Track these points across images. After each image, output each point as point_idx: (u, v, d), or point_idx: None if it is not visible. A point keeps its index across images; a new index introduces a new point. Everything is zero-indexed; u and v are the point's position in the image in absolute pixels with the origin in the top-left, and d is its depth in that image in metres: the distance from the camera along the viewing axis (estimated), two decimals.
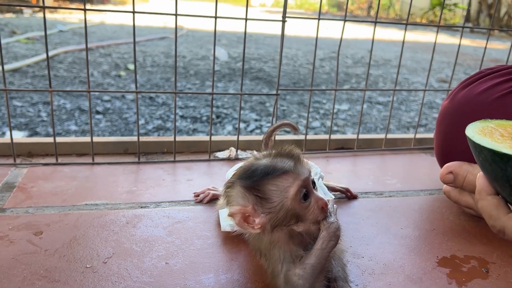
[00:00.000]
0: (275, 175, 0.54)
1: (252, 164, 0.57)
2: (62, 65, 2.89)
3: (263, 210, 0.55)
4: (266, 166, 0.55)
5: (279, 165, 0.55)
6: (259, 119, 2.11)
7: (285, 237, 0.57)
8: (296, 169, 0.55)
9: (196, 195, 0.86)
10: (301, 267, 0.56)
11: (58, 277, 0.61)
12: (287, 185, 0.54)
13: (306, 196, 0.55)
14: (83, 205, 0.81)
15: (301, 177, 0.55)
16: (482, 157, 0.43)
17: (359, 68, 3.68)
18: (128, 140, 1.08)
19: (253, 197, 0.55)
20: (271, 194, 0.54)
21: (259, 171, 0.55)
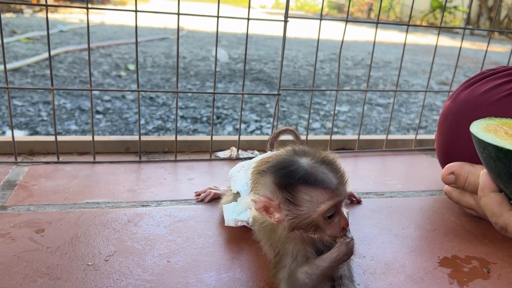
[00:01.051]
0: (314, 186, 0.52)
1: (292, 163, 0.54)
2: (63, 65, 2.89)
3: (288, 212, 0.53)
4: (307, 172, 0.52)
5: (320, 176, 0.52)
6: (259, 120, 2.11)
7: (300, 236, 0.57)
8: (337, 188, 0.53)
9: (197, 194, 0.86)
10: (311, 267, 0.56)
11: (60, 274, 0.61)
12: (321, 201, 0.52)
13: (332, 215, 0.54)
14: (84, 203, 0.81)
15: (337, 198, 0.53)
16: (486, 153, 0.43)
17: (359, 70, 3.69)
18: (129, 139, 1.08)
19: (283, 197, 0.53)
20: (302, 202, 0.52)
21: (298, 176, 0.52)
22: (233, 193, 0.75)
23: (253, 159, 0.78)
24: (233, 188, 0.74)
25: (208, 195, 0.86)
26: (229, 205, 0.73)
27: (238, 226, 0.72)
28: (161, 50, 3.85)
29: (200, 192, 0.87)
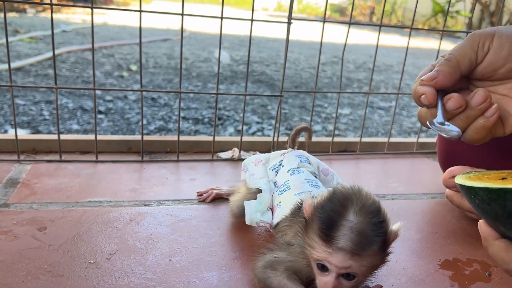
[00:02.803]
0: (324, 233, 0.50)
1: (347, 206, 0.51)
2: (65, 64, 2.90)
3: (298, 231, 0.56)
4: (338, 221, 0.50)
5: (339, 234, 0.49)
6: (260, 122, 2.12)
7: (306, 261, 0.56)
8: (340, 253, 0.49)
9: (199, 194, 0.87)
10: (287, 281, 0.57)
11: (62, 272, 0.61)
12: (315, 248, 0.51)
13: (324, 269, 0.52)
14: (86, 202, 0.81)
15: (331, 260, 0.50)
16: (479, 199, 0.42)
17: (360, 73, 3.69)
18: (132, 138, 1.08)
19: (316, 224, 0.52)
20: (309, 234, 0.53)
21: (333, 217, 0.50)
22: (249, 189, 0.73)
23: (270, 153, 0.77)
24: (250, 182, 0.72)
25: (210, 195, 0.86)
26: (251, 202, 0.69)
27: (259, 227, 0.69)
28: (163, 51, 3.86)
29: (202, 192, 0.87)
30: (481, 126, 0.51)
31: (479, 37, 0.54)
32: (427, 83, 0.52)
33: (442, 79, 0.52)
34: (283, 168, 0.72)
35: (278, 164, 0.74)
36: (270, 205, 0.68)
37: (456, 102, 0.51)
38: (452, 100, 0.51)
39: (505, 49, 0.53)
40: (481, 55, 0.54)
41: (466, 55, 0.54)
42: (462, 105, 0.51)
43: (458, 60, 0.54)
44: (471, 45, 0.54)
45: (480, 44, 0.53)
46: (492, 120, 0.51)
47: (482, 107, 0.51)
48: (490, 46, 0.53)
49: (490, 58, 0.53)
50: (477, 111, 0.51)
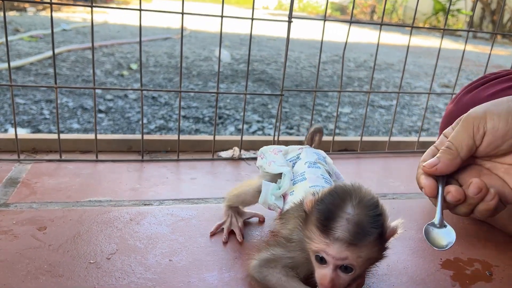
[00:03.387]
0: (321, 225, 0.51)
1: (345, 200, 0.52)
2: (65, 63, 2.90)
3: (298, 224, 0.56)
4: (336, 213, 0.51)
5: (336, 225, 0.50)
6: (261, 121, 2.11)
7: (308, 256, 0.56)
8: (335, 243, 0.50)
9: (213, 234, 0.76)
10: (285, 277, 0.57)
11: (62, 272, 0.61)
12: (313, 239, 0.52)
13: (322, 261, 0.52)
14: (86, 202, 0.81)
15: (329, 251, 0.50)
16: None
17: (361, 71, 3.69)
18: (132, 138, 1.08)
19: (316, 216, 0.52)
20: (308, 227, 0.53)
21: (332, 210, 0.51)
22: (268, 173, 0.73)
23: (288, 146, 0.78)
24: (270, 168, 0.72)
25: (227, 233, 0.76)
26: (269, 184, 0.69)
27: (270, 209, 0.70)
28: (163, 50, 3.86)
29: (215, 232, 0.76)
30: (485, 209, 0.53)
31: (472, 120, 0.55)
32: (427, 170, 0.55)
33: (442, 166, 0.54)
34: (301, 160, 0.73)
35: (296, 156, 0.75)
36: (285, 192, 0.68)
37: (453, 197, 0.53)
38: (450, 195, 0.53)
39: (500, 129, 0.54)
40: (478, 139, 0.55)
41: (464, 142, 0.55)
42: (460, 198, 0.53)
43: (457, 148, 0.56)
44: (467, 131, 0.56)
45: (475, 128, 0.55)
46: (493, 204, 0.52)
47: (480, 196, 0.52)
48: (485, 128, 0.55)
49: (488, 140, 0.55)
50: (476, 199, 0.53)
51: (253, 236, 0.74)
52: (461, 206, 0.54)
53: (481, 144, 0.56)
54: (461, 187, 0.53)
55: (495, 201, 0.52)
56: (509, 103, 0.56)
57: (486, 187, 0.52)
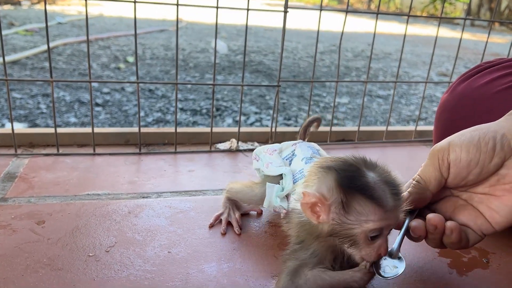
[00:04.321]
0: (370, 199, 0.50)
1: (359, 171, 0.52)
2: (61, 57, 2.88)
3: (334, 216, 0.52)
4: (369, 185, 0.51)
5: (379, 193, 0.51)
6: (259, 112, 2.11)
7: (332, 244, 0.56)
8: (390, 211, 0.51)
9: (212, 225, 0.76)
10: (319, 275, 0.55)
11: (61, 265, 0.61)
12: (370, 218, 0.51)
13: (375, 237, 0.52)
14: (85, 195, 0.81)
15: (387, 222, 0.52)
16: None
17: (359, 61, 3.68)
18: (129, 131, 1.08)
19: (338, 199, 0.51)
20: (353, 211, 0.51)
21: (361, 182, 0.51)
22: (268, 176, 0.72)
23: (281, 144, 0.77)
24: (269, 170, 0.71)
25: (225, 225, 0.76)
26: (273, 186, 0.68)
27: (275, 211, 0.70)
28: (160, 42, 3.84)
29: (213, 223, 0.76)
30: (450, 242, 0.55)
31: (437, 154, 0.57)
32: None
33: (412, 200, 0.56)
34: (297, 157, 0.72)
35: (291, 153, 0.74)
36: (297, 197, 0.67)
37: (414, 233, 0.56)
38: (411, 230, 0.56)
39: (463, 160, 0.56)
40: (444, 171, 0.57)
41: (432, 176, 0.58)
42: (420, 234, 0.55)
43: (425, 182, 0.58)
44: (433, 164, 0.58)
45: (440, 161, 0.57)
46: (454, 238, 0.54)
47: (438, 231, 0.54)
48: (449, 159, 0.57)
49: (453, 171, 0.57)
50: (438, 235, 0.55)
51: (251, 227, 0.75)
52: (428, 240, 0.57)
53: (449, 176, 0.57)
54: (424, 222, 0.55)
55: (455, 235, 0.53)
56: (471, 133, 0.56)
57: (442, 223, 0.54)
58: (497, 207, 0.55)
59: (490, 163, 0.55)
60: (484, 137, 0.55)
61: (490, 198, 0.56)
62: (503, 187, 0.56)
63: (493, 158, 0.55)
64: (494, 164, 0.55)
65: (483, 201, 0.57)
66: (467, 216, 0.57)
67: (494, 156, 0.55)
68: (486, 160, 0.55)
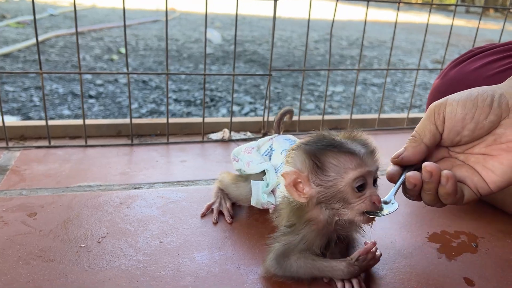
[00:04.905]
0: (341, 151, 0.53)
1: (322, 134, 0.57)
2: (54, 49, 2.86)
3: (316, 181, 0.54)
4: (335, 139, 0.55)
5: (348, 145, 0.54)
6: (253, 102, 2.11)
7: (322, 225, 0.57)
8: (365, 158, 0.54)
9: (204, 214, 0.76)
10: (308, 261, 0.57)
11: (53, 256, 0.61)
12: (348, 167, 0.52)
13: (361, 187, 0.53)
14: (76, 187, 0.81)
15: (366, 168, 0.53)
16: None
17: (354, 50, 3.67)
18: (121, 122, 1.07)
19: (311, 164, 0.54)
20: (329, 167, 0.53)
21: (326, 141, 0.55)
22: (251, 175, 0.72)
23: (258, 140, 0.77)
24: (250, 169, 0.72)
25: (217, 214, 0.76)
26: (258, 183, 0.69)
27: (263, 208, 0.70)
28: (153, 32, 3.81)
29: (205, 213, 0.76)
30: (445, 193, 0.55)
31: (434, 108, 0.58)
32: (394, 160, 0.59)
33: (408, 154, 0.58)
34: (275, 151, 0.72)
35: (269, 148, 0.74)
36: (280, 182, 0.68)
37: (410, 183, 0.55)
38: (407, 180, 0.56)
39: (458, 114, 0.56)
40: (439, 125, 0.58)
41: (426, 128, 0.58)
42: (415, 183, 0.55)
43: (420, 135, 0.58)
44: (429, 118, 0.58)
45: (436, 115, 0.58)
46: (450, 187, 0.54)
47: (434, 180, 0.54)
48: (444, 113, 0.57)
49: (448, 125, 0.57)
50: (433, 184, 0.54)
51: (242, 216, 0.75)
52: (423, 193, 0.57)
53: (444, 131, 0.58)
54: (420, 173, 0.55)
55: (451, 184, 0.53)
56: (471, 91, 0.57)
57: (438, 170, 0.54)
58: (493, 166, 0.56)
59: (485, 120, 0.55)
60: (483, 94, 0.56)
61: (487, 158, 0.57)
62: (500, 147, 0.56)
63: (488, 114, 0.55)
64: (489, 121, 0.55)
65: (480, 161, 0.58)
66: (464, 173, 0.58)
67: (490, 112, 0.55)
68: (482, 115, 0.55)
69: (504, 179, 0.56)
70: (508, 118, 0.55)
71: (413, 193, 0.57)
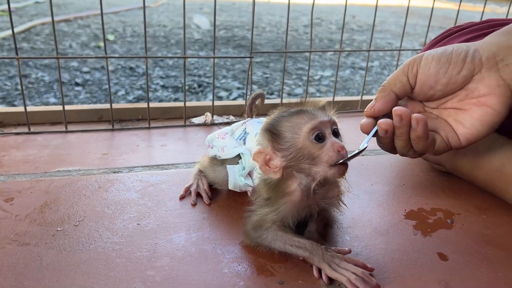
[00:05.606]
0: (292, 113, 0.56)
1: (279, 109, 0.59)
2: (39, 37, 2.82)
3: (278, 148, 0.55)
4: (288, 109, 0.57)
5: (298, 109, 0.57)
6: (241, 88, 2.10)
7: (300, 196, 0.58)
8: (316, 112, 0.56)
9: (183, 196, 0.76)
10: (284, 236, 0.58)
11: (29, 240, 0.61)
12: (300, 123, 0.55)
13: (320, 138, 0.54)
14: (55, 172, 0.81)
15: (318, 119, 0.55)
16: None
17: (344, 34, 3.65)
18: (102, 107, 1.07)
19: (270, 135, 0.56)
20: (285, 130, 0.55)
21: (280, 114, 0.57)
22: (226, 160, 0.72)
23: (231, 125, 0.77)
24: (225, 154, 0.72)
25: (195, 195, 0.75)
26: (233, 167, 0.70)
27: (241, 191, 0.71)
28: (140, 19, 3.76)
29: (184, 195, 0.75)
30: (416, 137, 0.55)
31: (409, 62, 0.59)
32: (367, 112, 0.60)
33: (379, 104, 0.59)
34: (249, 134, 0.72)
35: (243, 133, 0.74)
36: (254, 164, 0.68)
37: (382, 130, 0.57)
38: (378, 125, 0.57)
39: (432, 68, 0.57)
40: (411, 77, 0.58)
41: (398, 79, 0.59)
42: (387, 129, 0.56)
43: (390, 85, 0.59)
44: (402, 69, 0.59)
45: (410, 67, 0.59)
46: (421, 130, 0.54)
47: (404, 123, 0.55)
48: (418, 67, 0.58)
49: (421, 78, 0.58)
50: (404, 128, 0.55)
51: (221, 198, 0.75)
52: (396, 139, 0.58)
53: (417, 85, 0.58)
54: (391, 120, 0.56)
55: (422, 126, 0.54)
56: (447, 47, 0.58)
57: (408, 114, 0.54)
58: (463, 119, 0.58)
59: (458, 75, 0.56)
60: (457, 50, 0.57)
61: (458, 112, 0.59)
62: (471, 101, 0.57)
63: (461, 69, 0.56)
64: (462, 76, 0.56)
65: (452, 114, 0.59)
66: (437, 124, 0.59)
67: (463, 67, 0.56)
68: (455, 70, 0.56)
69: (473, 131, 0.57)
70: (480, 73, 0.56)
71: (386, 140, 0.58)
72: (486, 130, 0.57)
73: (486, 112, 0.57)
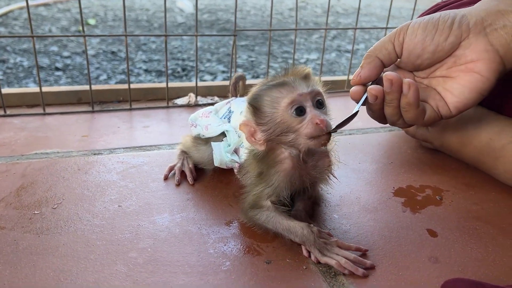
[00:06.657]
0: (270, 86, 0.54)
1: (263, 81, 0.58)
2: (18, 21, 2.73)
3: (259, 123, 0.54)
4: (271, 80, 0.56)
5: (279, 81, 0.55)
6: (226, 71, 2.06)
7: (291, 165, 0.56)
8: (295, 83, 0.54)
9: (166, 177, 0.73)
10: (274, 214, 0.57)
11: (4, 224, 0.59)
12: (279, 97, 0.53)
13: (300, 111, 0.53)
14: (32, 154, 0.78)
15: (296, 92, 0.53)
16: None
17: (329, 17, 3.62)
18: (81, 89, 1.03)
19: (252, 109, 0.55)
20: (264, 104, 0.54)
21: (260, 88, 0.55)
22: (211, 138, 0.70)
23: (215, 105, 0.75)
24: (209, 132, 0.70)
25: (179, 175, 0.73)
26: (218, 144, 0.68)
27: (228, 167, 0.69)
28: (122, 3, 3.67)
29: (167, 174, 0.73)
30: (406, 103, 0.54)
31: (396, 30, 0.58)
32: (354, 80, 0.58)
33: (365, 71, 0.57)
34: (234, 113, 0.70)
35: (228, 111, 0.72)
36: (241, 138, 0.66)
37: (372, 95, 0.55)
38: (368, 91, 0.55)
39: (418, 35, 0.56)
40: (397, 45, 0.57)
41: (384, 46, 0.58)
42: (377, 95, 0.54)
43: (375, 51, 0.58)
44: (389, 37, 0.58)
45: (396, 35, 0.57)
46: (412, 96, 0.53)
47: (395, 88, 0.53)
48: (405, 36, 0.56)
49: (407, 47, 0.57)
50: (395, 94, 0.54)
51: (205, 178, 0.73)
52: (386, 106, 0.56)
53: (404, 54, 0.57)
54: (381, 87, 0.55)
55: (413, 92, 0.53)
56: (433, 15, 0.56)
57: (398, 79, 0.53)
58: (452, 87, 0.57)
59: (445, 41, 0.55)
60: (444, 16, 0.55)
61: (447, 79, 0.57)
62: (459, 68, 0.56)
63: (449, 36, 0.55)
64: (449, 42, 0.55)
65: (440, 83, 0.58)
66: (427, 93, 0.58)
67: (450, 34, 0.55)
68: (442, 37, 0.55)
69: (461, 99, 0.56)
70: (468, 39, 0.55)
71: (376, 107, 0.56)
72: (474, 97, 0.56)
73: (474, 78, 0.55)
